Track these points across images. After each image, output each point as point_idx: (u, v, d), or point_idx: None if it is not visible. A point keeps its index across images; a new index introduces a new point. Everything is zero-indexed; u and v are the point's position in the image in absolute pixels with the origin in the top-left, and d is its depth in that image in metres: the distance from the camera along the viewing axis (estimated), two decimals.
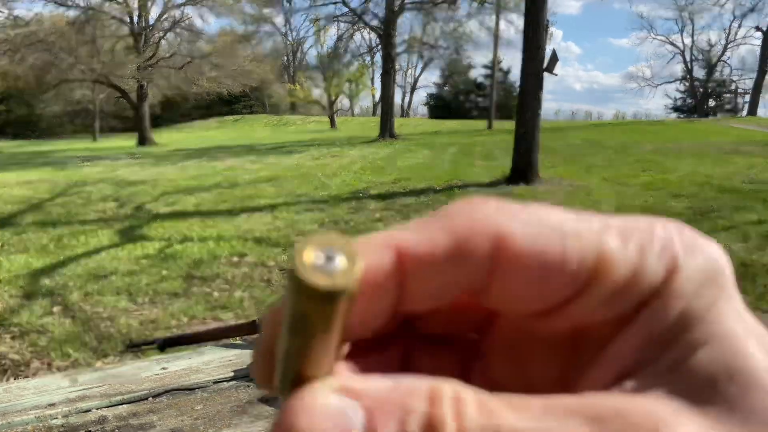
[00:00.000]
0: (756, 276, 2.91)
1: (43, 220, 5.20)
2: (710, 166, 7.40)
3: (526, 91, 6.61)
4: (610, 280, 0.15)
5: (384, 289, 0.15)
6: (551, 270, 0.15)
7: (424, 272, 0.15)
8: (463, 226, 0.15)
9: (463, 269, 0.15)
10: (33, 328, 2.65)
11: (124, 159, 11.56)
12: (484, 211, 0.15)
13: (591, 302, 0.15)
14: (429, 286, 0.15)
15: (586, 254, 0.15)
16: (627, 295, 0.15)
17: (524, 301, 0.16)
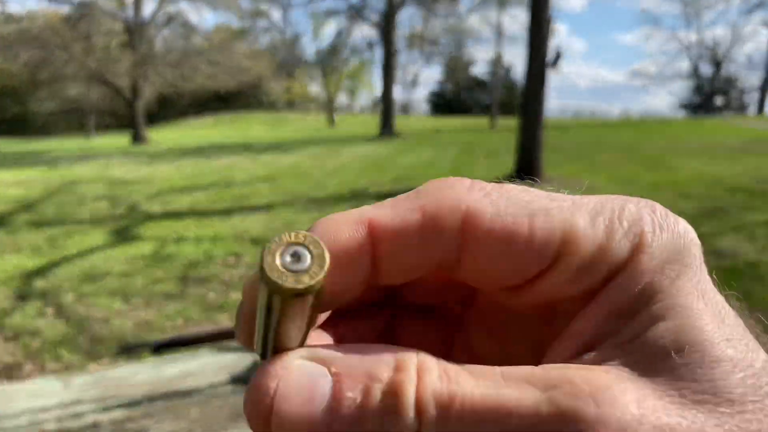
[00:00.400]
0: (764, 276, 2.90)
1: (37, 220, 5.15)
2: (718, 165, 7.42)
3: (529, 88, 6.58)
4: (577, 256, 0.16)
5: (357, 262, 0.16)
6: (518, 246, 0.16)
7: (396, 247, 0.16)
8: (434, 204, 0.16)
9: (433, 245, 0.16)
10: (26, 330, 2.63)
11: (118, 157, 11.48)
12: (455, 189, 0.16)
13: (559, 278, 0.16)
14: (402, 261, 0.16)
15: (553, 231, 0.15)
16: (593, 270, 0.16)
17: (494, 275, 0.16)
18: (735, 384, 0.13)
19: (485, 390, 0.13)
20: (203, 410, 1.12)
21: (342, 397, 0.14)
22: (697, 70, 35.59)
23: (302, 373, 0.14)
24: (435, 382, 0.13)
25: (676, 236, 0.16)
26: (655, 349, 0.14)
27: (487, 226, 0.16)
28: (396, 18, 17.87)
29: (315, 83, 32.24)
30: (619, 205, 0.17)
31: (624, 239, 0.16)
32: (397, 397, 0.13)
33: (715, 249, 3.49)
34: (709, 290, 0.16)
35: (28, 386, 1.34)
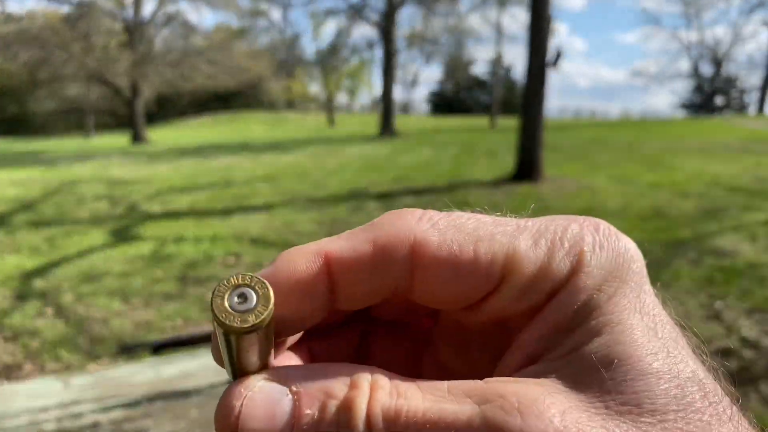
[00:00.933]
0: (764, 277, 2.89)
1: (36, 220, 5.14)
2: (718, 165, 7.41)
3: (529, 87, 6.57)
4: (520, 276, 0.17)
5: (314, 291, 0.17)
6: (464, 271, 0.17)
7: (351, 277, 0.17)
8: (385, 236, 0.17)
9: (385, 273, 0.17)
10: (25, 330, 2.62)
11: (117, 157, 11.47)
12: (405, 221, 0.18)
13: (505, 297, 0.17)
14: (357, 289, 0.18)
15: (496, 255, 0.17)
16: (536, 289, 0.17)
17: (445, 298, 0.18)
18: (658, 395, 0.14)
19: (428, 404, 0.14)
20: (203, 410, 1.12)
21: (301, 414, 0.15)
22: (698, 69, 35.58)
23: (264, 393, 0.15)
24: (385, 397, 0.15)
25: (615, 254, 0.17)
26: (588, 363, 0.15)
27: (433, 254, 0.17)
28: (396, 17, 17.85)
29: (315, 83, 32.23)
30: (562, 227, 0.18)
31: (564, 259, 0.17)
32: (350, 412, 0.15)
33: (715, 248, 3.49)
34: (648, 304, 0.17)
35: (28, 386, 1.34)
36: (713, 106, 34.32)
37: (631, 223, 4.31)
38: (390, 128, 16.31)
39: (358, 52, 27.41)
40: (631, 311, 0.16)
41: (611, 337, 0.15)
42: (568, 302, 0.17)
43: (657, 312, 0.17)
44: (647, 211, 4.74)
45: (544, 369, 0.16)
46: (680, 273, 3.00)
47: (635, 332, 0.16)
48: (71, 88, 20.63)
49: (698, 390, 0.15)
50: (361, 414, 0.15)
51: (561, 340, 0.16)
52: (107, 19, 18.98)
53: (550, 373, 0.16)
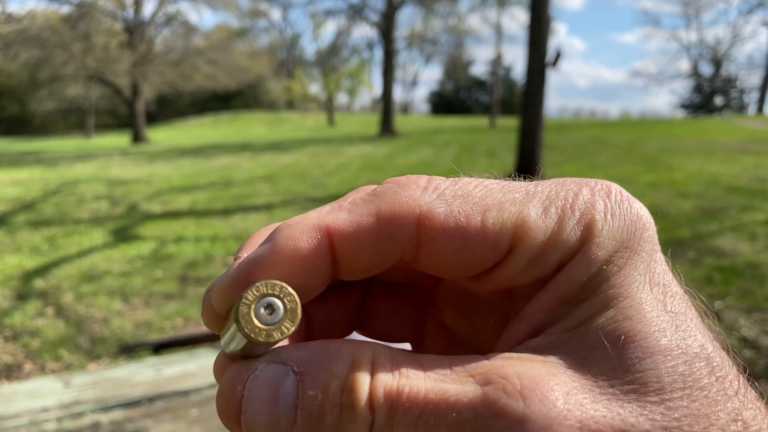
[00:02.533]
0: (764, 277, 2.89)
1: (36, 220, 5.14)
2: (717, 165, 7.42)
3: (529, 87, 6.58)
4: (529, 246, 0.16)
5: (317, 267, 0.16)
6: (472, 241, 0.16)
7: (354, 250, 0.17)
8: (389, 208, 0.17)
9: (389, 247, 0.17)
10: (26, 330, 2.63)
11: (117, 157, 11.47)
12: (409, 192, 0.17)
13: (514, 267, 0.17)
14: (360, 262, 0.17)
15: (505, 225, 0.16)
16: (545, 259, 0.16)
17: (452, 268, 0.17)
18: (664, 373, 0.14)
19: (430, 384, 0.14)
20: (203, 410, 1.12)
21: (305, 395, 0.15)
22: (697, 69, 35.56)
23: (267, 374, 0.15)
24: (387, 377, 0.15)
25: (627, 222, 0.17)
26: (594, 339, 0.15)
27: (441, 225, 0.16)
28: (396, 18, 17.85)
29: (315, 83, 32.22)
30: (573, 192, 0.17)
31: (575, 228, 0.16)
32: (352, 393, 0.15)
33: (714, 248, 3.49)
34: (658, 274, 0.16)
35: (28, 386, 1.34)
36: (713, 106, 34.30)
37: None
38: (390, 128, 16.31)
39: (358, 52, 27.40)
40: (640, 283, 0.16)
41: (619, 312, 0.15)
42: (577, 274, 0.16)
43: (667, 281, 0.16)
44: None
45: (549, 342, 0.16)
46: (680, 273, 3.00)
47: (644, 307, 0.15)
48: (71, 88, 20.63)
49: (705, 365, 0.14)
50: (364, 395, 0.14)
51: (568, 312, 0.16)
52: (107, 19, 18.99)
53: (555, 347, 0.15)
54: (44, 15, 17.85)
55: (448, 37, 28.88)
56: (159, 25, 20.64)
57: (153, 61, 18.63)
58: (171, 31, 21.32)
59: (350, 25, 23.23)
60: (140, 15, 19.54)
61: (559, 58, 6.60)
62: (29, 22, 16.82)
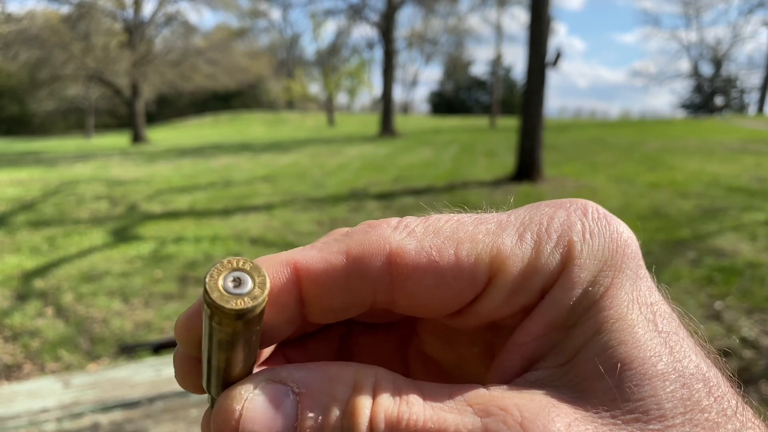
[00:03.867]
0: (764, 277, 2.89)
1: (36, 220, 5.14)
2: (718, 165, 7.41)
3: (529, 87, 6.58)
4: (507, 276, 0.16)
5: (282, 302, 0.16)
6: (446, 276, 0.16)
7: (322, 290, 0.16)
8: (358, 247, 0.16)
9: (360, 287, 0.16)
10: (25, 330, 2.62)
11: (117, 157, 11.47)
12: (379, 231, 0.17)
13: (494, 299, 0.16)
14: (329, 303, 0.17)
15: (480, 256, 0.16)
16: (526, 288, 0.16)
17: (430, 308, 0.17)
18: (665, 399, 0.14)
19: (430, 413, 0.14)
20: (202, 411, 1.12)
21: (305, 417, 0.14)
22: (697, 69, 35.53)
23: (266, 394, 0.15)
24: (388, 402, 0.14)
25: (607, 240, 0.16)
26: (591, 369, 0.15)
27: (412, 261, 0.16)
28: (396, 18, 17.85)
29: (315, 83, 32.20)
30: (548, 216, 0.17)
31: (554, 252, 0.16)
32: (353, 417, 0.14)
33: (715, 248, 3.49)
34: (644, 293, 0.16)
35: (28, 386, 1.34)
36: (713, 106, 34.28)
37: (631, 223, 4.21)
38: (390, 128, 16.31)
39: (358, 52, 27.39)
40: (629, 303, 0.15)
41: (612, 337, 0.15)
42: (563, 299, 0.16)
43: (654, 300, 0.16)
44: (647, 211, 4.74)
45: (546, 376, 0.15)
46: (680, 273, 3.00)
47: (636, 330, 0.15)
48: (71, 88, 20.62)
49: (703, 386, 0.14)
50: (365, 419, 0.14)
51: (558, 339, 0.16)
52: (107, 19, 18.98)
53: (553, 380, 0.15)
54: (44, 15, 17.84)
55: (448, 37, 28.89)
56: (159, 25, 20.64)
57: (153, 61, 18.63)
58: (171, 31, 21.33)
59: (350, 25, 23.22)
60: (140, 15, 19.54)
61: (559, 58, 6.60)
62: (29, 22, 16.81)
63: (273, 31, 35.63)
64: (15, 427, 1.10)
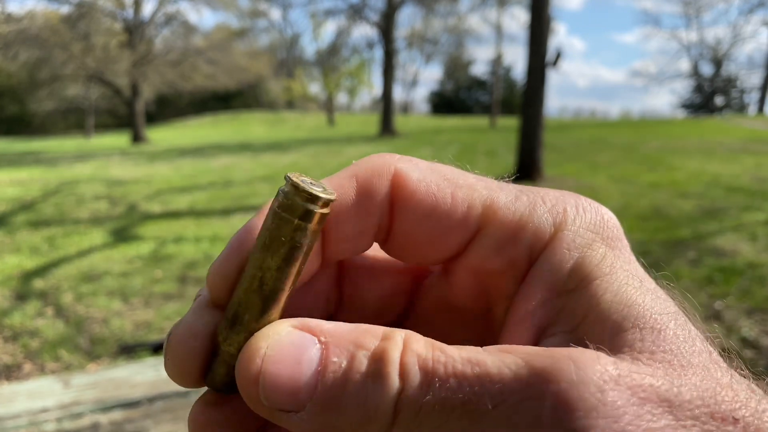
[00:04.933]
0: (764, 277, 2.89)
1: (35, 220, 5.14)
2: (718, 165, 7.41)
3: (530, 87, 6.58)
4: (498, 226, 0.17)
5: None
6: (441, 213, 0.17)
7: (339, 214, 0.17)
8: (366, 170, 0.18)
9: (368, 207, 0.17)
10: (25, 330, 2.62)
11: (117, 157, 11.46)
12: (385, 158, 0.18)
13: (483, 248, 0.17)
14: (344, 228, 0.17)
15: (474, 203, 0.17)
16: (516, 241, 0.17)
17: (422, 243, 0.18)
18: (682, 350, 0.15)
19: (468, 355, 0.14)
20: None
21: (328, 362, 0.14)
22: (697, 69, 35.51)
23: (291, 338, 0.15)
24: (420, 348, 0.14)
25: (598, 217, 0.17)
26: (602, 330, 0.15)
27: (413, 188, 0.17)
28: (396, 17, 17.84)
29: (315, 83, 32.19)
30: (543, 191, 0.18)
31: (547, 215, 0.17)
32: (381, 362, 0.14)
33: (715, 248, 3.49)
34: (634, 266, 0.17)
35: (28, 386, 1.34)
36: (713, 106, 34.26)
37: (631, 223, 4.31)
38: (390, 128, 16.31)
39: (358, 52, 27.39)
40: (628, 273, 0.16)
41: (618, 299, 0.15)
42: (561, 261, 0.16)
43: (643, 276, 0.17)
44: (647, 211, 4.74)
45: (561, 342, 0.15)
46: (680, 273, 3.00)
47: (642, 293, 0.16)
48: (71, 88, 20.62)
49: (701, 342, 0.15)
50: (395, 363, 0.14)
51: (562, 305, 0.16)
52: (107, 19, 18.98)
53: (569, 345, 0.15)
54: (44, 15, 17.84)
55: (448, 36, 28.90)
56: (159, 25, 20.64)
57: (153, 61, 18.62)
58: (171, 31, 21.32)
59: (350, 25, 23.23)
60: (140, 15, 19.54)
61: (559, 57, 6.60)
62: (29, 22, 16.81)
63: (273, 31, 35.65)
64: (15, 427, 1.10)
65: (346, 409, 0.14)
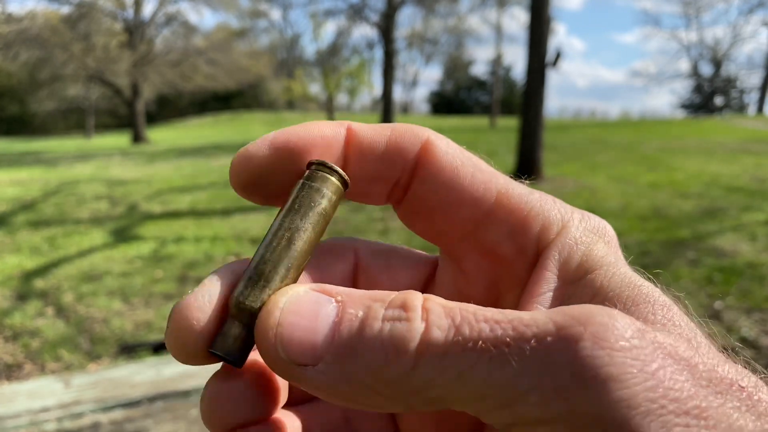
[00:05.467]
0: (764, 277, 2.89)
1: (36, 220, 5.14)
2: (717, 165, 7.42)
3: (529, 87, 6.58)
4: (510, 213, 0.19)
5: (333, 150, 0.19)
6: (459, 187, 0.19)
7: (365, 152, 0.19)
8: (402, 127, 0.19)
9: (394, 158, 0.19)
10: (26, 330, 2.63)
11: (117, 157, 11.47)
12: (421, 128, 0.20)
13: (495, 232, 0.19)
14: (366, 165, 0.19)
15: (490, 186, 0.19)
16: (526, 230, 0.19)
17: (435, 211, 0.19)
18: (690, 326, 0.16)
19: (494, 313, 0.14)
20: None
21: (345, 314, 0.14)
22: (697, 69, 35.48)
23: (310, 296, 0.15)
24: (443, 300, 0.14)
25: (599, 225, 0.19)
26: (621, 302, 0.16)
27: (439, 156, 0.19)
28: (396, 18, 17.85)
29: (315, 83, 32.21)
30: (552, 197, 0.20)
31: (554, 213, 0.19)
32: (402, 307, 0.14)
33: (715, 248, 3.49)
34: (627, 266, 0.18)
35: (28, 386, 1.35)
36: (713, 106, 34.24)
37: (631, 223, 4.31)
38: None
39: (358, 52, 27.39)
40: (624, 265, 0.18)
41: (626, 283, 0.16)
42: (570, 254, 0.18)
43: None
44: (647, 211, 4.74)
45: None
46: (680, 273, 3.00)
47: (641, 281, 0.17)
48: (71, 88, 20.62)
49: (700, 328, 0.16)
50: (416, 307, 0.14)
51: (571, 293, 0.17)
52: (107, 19, 18.98)
53: None
54: (44, 15, 17.84)
55: (448, 37, 28.91)
56: (159, 25, 20.65)
57: (153, 61, 18.63)
58: (171, 31, 21.33)
59: (350, 25, 23.23)
60: (140, 15, 19.55)
61: (559, 58, 6.60)
62: (29, 22, 16.82)
63: (273, 31, 35.65)
64: (15, 427, 1.10)
65: (364, 355, 0.14)
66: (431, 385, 0.13)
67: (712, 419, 0.12)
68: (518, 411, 0.13)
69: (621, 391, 0.12)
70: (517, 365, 0.13)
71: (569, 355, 0.13)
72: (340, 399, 0.14)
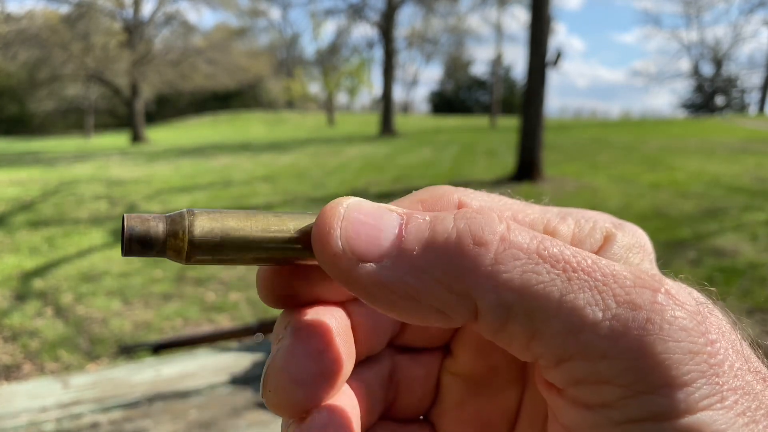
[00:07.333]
0: (765, 277, 2.89)
1: (35, 220, 5.14)
2: (718, 165, 7.42)
3: (530, 87, 6.59)
4: None
5: None
6: None
7: None
8: (431, 196, 0.18)
9: None
10: (25, 330, 2.62)
11: (116, 157, 11.46)
12: (446, 188, 0.19)
13: None
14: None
15: (534, 224, 0.19)
16: None
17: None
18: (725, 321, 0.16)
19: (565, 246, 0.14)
20: (202, 411, 1.11)
21: (411, 217, 0.14)
22: (698, 69, 35.48)
23: (371, 203, 0.15)
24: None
25: (636, 235, 0.20)
26: None
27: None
28: (396, 17, 17.84)
29: (315, 83, 32.20)
30: (582, 211, 0.20)
31: (593, 233, 0.19)
32: (476, 210, 0.14)
33: (715, 248, 3.49)
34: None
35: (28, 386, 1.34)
36: (713, 106, 34.24)
37: (631, 222, 4.31)
38: (390, 128, 16.31)
39: (358, 52, 27.39)
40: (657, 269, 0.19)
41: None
42: None
43: None
44: (647, 211, 4.74)
45: None
46: (680, 273, 2.99)
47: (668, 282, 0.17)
48: (71, 88, 20.61)
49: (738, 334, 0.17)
50: (493, 216, 0.14)
51: None
52: (106, 18, 18.97)
53: None
54: (43, 15, 17.83)
55: (448, 36, 28.92)
56: (158, 25, 20.63)
57: (152, 61, 18.62)
58: (170, 30, 21.32)
59: (350, 25, 23.24)
60: (139, 15, 19.53)
61: (559, 57, 6.60)
62: (28, 21, 16.80)
63: (273, 30, 35.64)
64: (15, 427, 1.09)
65: (437, 247, 0.13)
66: (507, 285, 0.13)
67: (756, 401, 0.13)
68: (583, 340, 0.13)
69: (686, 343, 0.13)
70: (595, 294, 0.13)
71: (648, 298, 0.13)
72: (399, 296, 0.13)
